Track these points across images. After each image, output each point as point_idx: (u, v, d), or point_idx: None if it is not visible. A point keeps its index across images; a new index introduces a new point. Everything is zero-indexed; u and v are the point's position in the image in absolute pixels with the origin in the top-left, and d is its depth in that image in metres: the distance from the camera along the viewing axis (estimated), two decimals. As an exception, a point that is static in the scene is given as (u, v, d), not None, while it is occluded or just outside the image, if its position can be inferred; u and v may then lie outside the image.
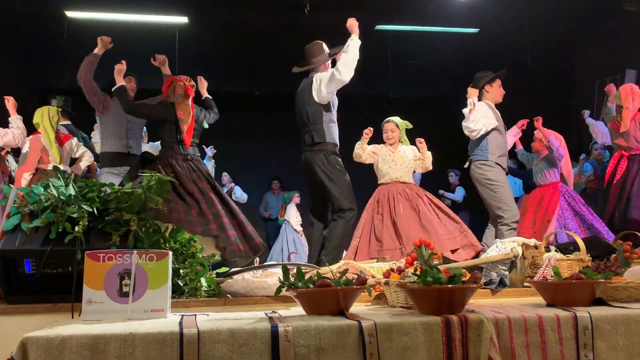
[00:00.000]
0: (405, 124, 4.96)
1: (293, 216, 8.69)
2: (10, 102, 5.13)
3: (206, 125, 4.54)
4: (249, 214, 9.15)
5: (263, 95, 9.16)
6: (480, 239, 4.79)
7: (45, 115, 5.15)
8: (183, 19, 7.58)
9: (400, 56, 8.50)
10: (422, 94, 9.48)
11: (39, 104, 5.41)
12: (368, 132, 4.87)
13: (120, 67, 4.51)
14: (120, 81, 4.45)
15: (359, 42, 4.30)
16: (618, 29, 7.43)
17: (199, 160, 4.43)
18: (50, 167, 4.94)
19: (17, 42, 7.66)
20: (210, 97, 4.77)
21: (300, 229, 8.60)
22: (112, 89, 4.49)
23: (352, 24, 4.36)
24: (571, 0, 6.95)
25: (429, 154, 4.83)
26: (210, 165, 6.82)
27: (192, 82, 4.47)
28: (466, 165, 4.89)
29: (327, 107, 4.37)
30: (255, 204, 9.18)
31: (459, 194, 8.79)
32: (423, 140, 4.80)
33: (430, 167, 4.85)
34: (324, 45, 4.51)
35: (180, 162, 4.28)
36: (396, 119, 4.97)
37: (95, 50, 4.65)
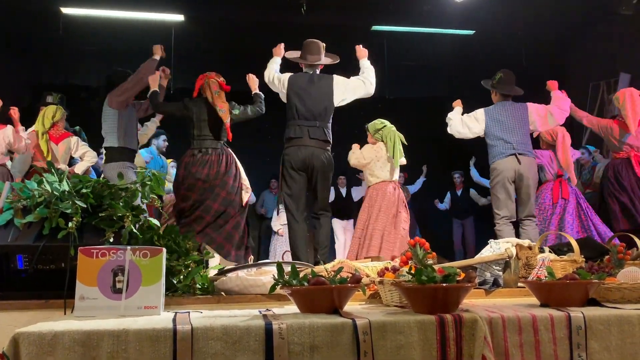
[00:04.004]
0: (373, 125, 5.08)
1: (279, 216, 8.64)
2: (16, 115, 5.03)
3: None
4: (249, 213, 9.17)
5: (259, 94, 9.15)
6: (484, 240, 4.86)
7: (42, 114, 5.17)
8: (179, 17, 7.56)
9: (396, 57, 8.50)
10: (417, 94, 9.48)
11: (33, 101, 5.40)
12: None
13: (155, 77, 4.70)
14: (155, 87, 4.64)
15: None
16: (612, 32, 7.46)
17: (218, 157, 4.42)
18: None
19: (11, 38, 7.61)
20: (260, 93, 4.82)
21: (278, 227, 8.55)
22: (149, 93, 4.64)
23: (360, 51, 4.79)
24: (566, 3, 6.98)
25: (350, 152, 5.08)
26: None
27: (222, 78, 4.56)
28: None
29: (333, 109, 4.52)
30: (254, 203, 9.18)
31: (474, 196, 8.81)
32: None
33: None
34: (322, 48, 4.58)
35: (194, 158, 4.35)
36: (369, 123, 5.11)
37: (155, 56, 4.84)
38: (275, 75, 4.64)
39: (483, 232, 8.31)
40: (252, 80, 4.84)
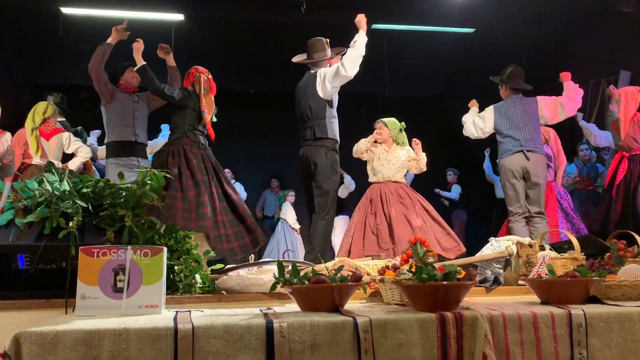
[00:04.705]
0: (395, 124, 5.00)
1: (289, 215, 8.71)
2: None
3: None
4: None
5: (259, 93, 9.16)
6: (476, 238, 4.85)
7: (33, 110, 5.12)
8: (179, 16, 7.56)
9: (396, 55, 8.51)
10: (417, 93, 9.50)
11: (33, 101, 5.38)
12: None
13: (139, 46, 4.49)
14: (140, 60, 4.44)
15: (366, 39, 4.31)
16: (613, 30, 7.46)
17: (210, 152, 4.44)
18: (34, 161, 4.92)
19: (11, 38, 7.62)
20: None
21: (297, 227, 8.62)
22: (135, 68, 4.47)
23: (361, 19, 4.38)
24: (566, 1, 6.98)
25: (423, 155, 4.88)
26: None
27: (210, 76, 4.54)
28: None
29: (330, 103, 4.41)
30: (254, 202, 9.19)
31: (455, 192, 8.83)
32: (419, 141, 4.86)
33: (424, 169, 4.92)
34: (327, 43, 4.53)
35: (194, 150, 4.30)
36: (387, 119, 5.04)
37: (109, 40, 4.63)
38: None
39: (476, 230, 8.35)
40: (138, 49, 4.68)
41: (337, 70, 4.25)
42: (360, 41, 4.29)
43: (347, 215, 8.13)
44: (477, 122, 4.98)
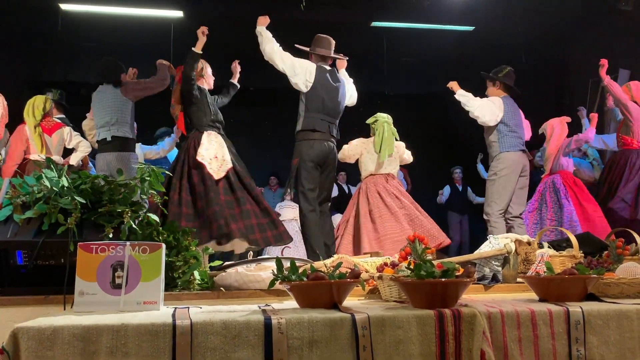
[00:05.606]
0: (371, 120, 5.07)
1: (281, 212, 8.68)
2: None
3: None
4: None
5: (258, 90, 9.13)
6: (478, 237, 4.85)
7: (30, 104, 5.08)
8: (178, 13, 7.54)
9: (396, 53, 8.50)
10: (416, 91, 9.48)
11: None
12: None
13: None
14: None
15: None
16: (612, 28, 7.45)
17: (186, 146, 4.27)
18: (39, 157, 4.90)
19: (9, 34, 7.59)
20: (234, 84, 4.90)
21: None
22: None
23: (341, 64, 4.82)
24: (566, -1, 7.00)
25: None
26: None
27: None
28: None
29: None
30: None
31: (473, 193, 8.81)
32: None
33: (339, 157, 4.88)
34: (333, 45, 4.58)
35: (179, 154, 4.30)
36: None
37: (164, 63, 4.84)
38: (296, 60, 4.39)
39: (479, 229, 8.34)
40: (237, 70, 4.93)
41: (354, 97, 4.71)
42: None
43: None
44: (491, 107, 4.73)
